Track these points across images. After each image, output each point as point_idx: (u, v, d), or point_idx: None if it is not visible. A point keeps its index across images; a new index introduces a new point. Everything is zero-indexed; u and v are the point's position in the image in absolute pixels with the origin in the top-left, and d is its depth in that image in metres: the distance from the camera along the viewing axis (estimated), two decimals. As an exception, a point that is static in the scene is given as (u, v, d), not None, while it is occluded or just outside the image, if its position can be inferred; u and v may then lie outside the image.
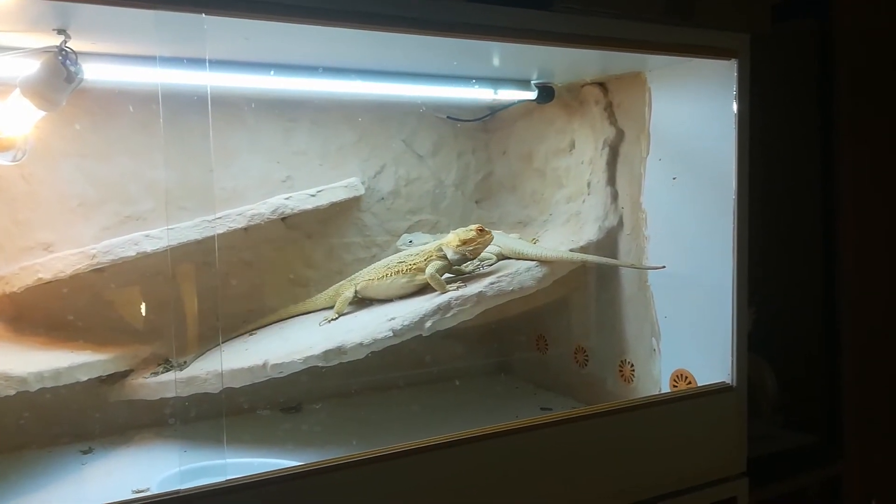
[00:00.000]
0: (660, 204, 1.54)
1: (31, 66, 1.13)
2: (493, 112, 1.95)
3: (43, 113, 1.15)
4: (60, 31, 1.08)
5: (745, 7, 1.41)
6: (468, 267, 1.64)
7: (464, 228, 1.59)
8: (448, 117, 1.95)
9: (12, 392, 1.28)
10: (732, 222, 1.39)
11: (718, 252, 1.42)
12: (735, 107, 1.39)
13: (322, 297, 1.71)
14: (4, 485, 1.31)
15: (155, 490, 1.22)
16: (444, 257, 1.59)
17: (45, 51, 1.13)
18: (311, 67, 1.47)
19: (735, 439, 1.45)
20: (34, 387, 1.31)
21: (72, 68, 1.10)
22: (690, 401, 1.45)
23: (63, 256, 1.46)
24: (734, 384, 1.43)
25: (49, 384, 1.34)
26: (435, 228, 1.97)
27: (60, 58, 1.09)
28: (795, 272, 1.89)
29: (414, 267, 1.60)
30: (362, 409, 1.75)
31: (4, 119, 1.14)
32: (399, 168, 1.94)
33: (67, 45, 1.10)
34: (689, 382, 1.50)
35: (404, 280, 1.61)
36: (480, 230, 1.57)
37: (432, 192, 1.99)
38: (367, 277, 1.64)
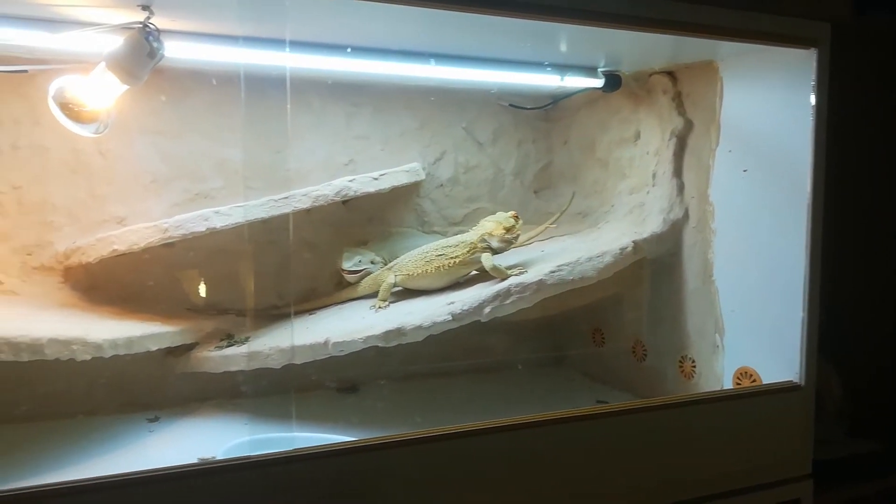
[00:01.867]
0: (729, 197, 1.50)
1: (116, 42, 1.17)
2: (555, 101, 1.94)
3: (126, 87, 1.19)
4: (145, 7, 1.12)
5: (828, -6, 1.36)
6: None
7: (496, 219, 1.60)
8: (510, 105, 1.94)
9: (88, 357, 1.33)
10: (806, 217, 1.35)
11: (790, 247, 1.38)
12: (813, 99, 1.34)
13: (363, 285, 1.71)
14: (76, 448, 1.36)
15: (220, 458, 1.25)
16: (489, 247, 1.58)
17: (128, 26, 1.16)
18: (379, 50, 1.48)
19: (801, 440, 1.41)
20: (108, 353, 1.36)
21: (154, 44, 1.13)
22: (755, 398, 1.41)
23: (137, 229, 1.51)
24: (802, 384, 1.38)
25: (122, 351, 1.39)
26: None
27: (144, 33, 1.12)
28: (868, 274, 1.82)
29: (459, 262, 1.59)
30: (415, 392, 1.76)
31: (90, 92, 1.18)
32: (459, 155, 1.94)
33: (151, 21, 1.14)
34: (754, 380, 1.46)
35: (447, 275, 1.60)
36: (516, 216, 1.60)
37: (491, 180, 1.99)
38: (405, 271, 1.63)
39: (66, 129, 1.52)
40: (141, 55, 1.12)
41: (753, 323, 1.47)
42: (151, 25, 1.13)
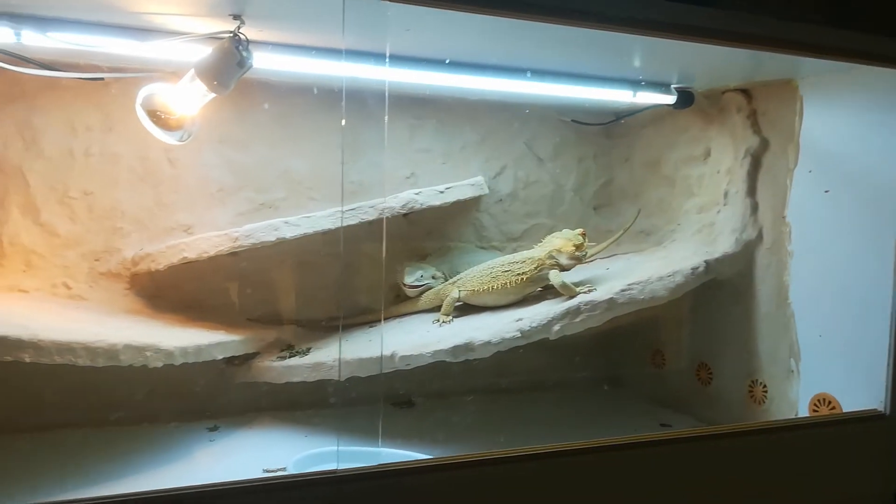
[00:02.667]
0: (808, 218, 1.46)
1: (205, 50, 1.18)
2: (618, 118, 1.91)
3: (213, 95, 1.19)
4: (236, 17, 1.12)
5: (920, 12, 1.33)
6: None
7: (564, 235, 1.58)
8: (572, 120, 1.92)
9: (160, 364, 1.33)
10: (895, 240, 1.31)
11: (876, 270, 1.34)
12: (903, 119, 1.30)
13: (424, 300, 1.70)
14: (141, 456, 1.35)
15: (291, 470, 1.23)
16: (557, 264, 1.56)
17: (215, 36, 1.17)
18: (452, 63, 1.47)
19: (884, 472, 1.36)
20: (178, 360, 1.35)
21: (244, 53, 1.13)
22: (835, 427, 1.36)
23: (207, 238, 1.51)
24: (887, 412, 1.33)
25: (191, 359, 1.38)
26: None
27: (235, 42, 1.13)
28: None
29: (526, 278, 1.56)
30: (471, 409, 1.73)
31: (177, 99, 1.19)
32: (519, 170, 1.93)
33: (240, 30, 1.14)
34: (833, 408, 1.41)
35: (513, 292, 1.57)
36: (584, 234, 1.58)
37: (550, 195, 1.97)
38: (470, 287, 1.60)
39: (137, 137, 1.54)
40: (231, 64, 1.13)
41: (833, 347, 1.42)
42: (242, 35, 1.13)
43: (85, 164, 1.54)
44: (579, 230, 1.59)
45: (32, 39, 1.18)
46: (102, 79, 1.49)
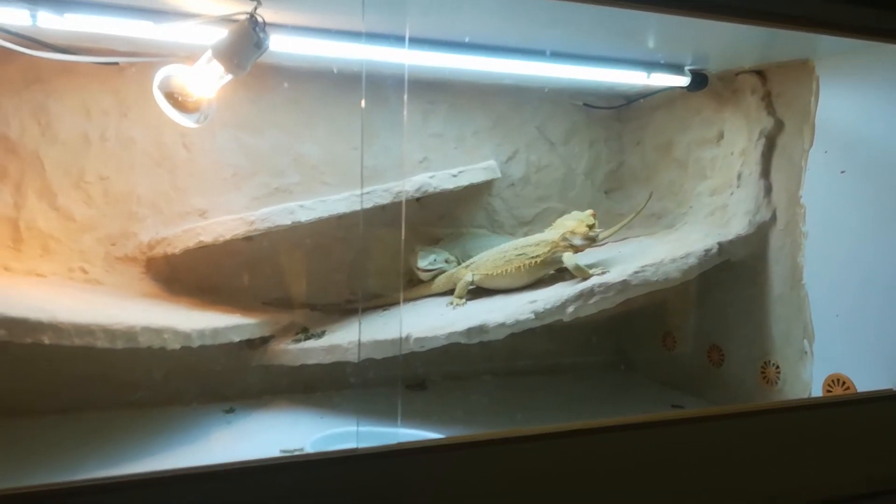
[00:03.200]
0: (824, 199, 1.46)
1: (220, 34, 1.18)
2: (630, 101, 1.91)
3: (229, 77, 1.19)
4: (253, -2, 1.12)
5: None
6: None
7: (575, 217, 1.59)
8: (584, 104, 1.92)
9: (178, 346, 1.34)
10: (912, 221, 1.30)
11: (891, 251, 1.33)
12: (923, 98, 1.30)
13: (437, 283, 1.70)
14: (159, 437, 1.37)
15: (309, 451, 1.25)
16: (571, 245, 1.57)
17: (229, 18, 1.17)
18: (464, 45, 1.47)
19: (899, 452, 1.36)
20: (196, 343, 1.37)
21: (261, 34, 1.14)
22: (849, 407, 1.36)
23: (223, 221, 1.51)
24: (902, 392, 1.33)
25: (209, 342, 1.39)
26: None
27: (252, 23, 1.13)
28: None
29: (540, 261, 1.56)
30: (482, 391, 1.75)
31: (195, 81, 1.19)
32: (531, 154, 1.93)
33: (257, 11, 1.14)
34: (847, 388, 1.41)
35: (527, 275, 1.58)
36: (594, 214, 1.60)
37: (562, 179, 1.97)
38: (484, 270, 1.61)
39: (152, 121, 1.55)
40: (248, 45, 1.13)
41: (847, 328, 1.42)
42: (259, 16, 1.13)
43: (100, 149, 1.55)
44: (589, 211, 1.60)
45: (48, 22, 1.18)
46: (118, 63, 1.49)
